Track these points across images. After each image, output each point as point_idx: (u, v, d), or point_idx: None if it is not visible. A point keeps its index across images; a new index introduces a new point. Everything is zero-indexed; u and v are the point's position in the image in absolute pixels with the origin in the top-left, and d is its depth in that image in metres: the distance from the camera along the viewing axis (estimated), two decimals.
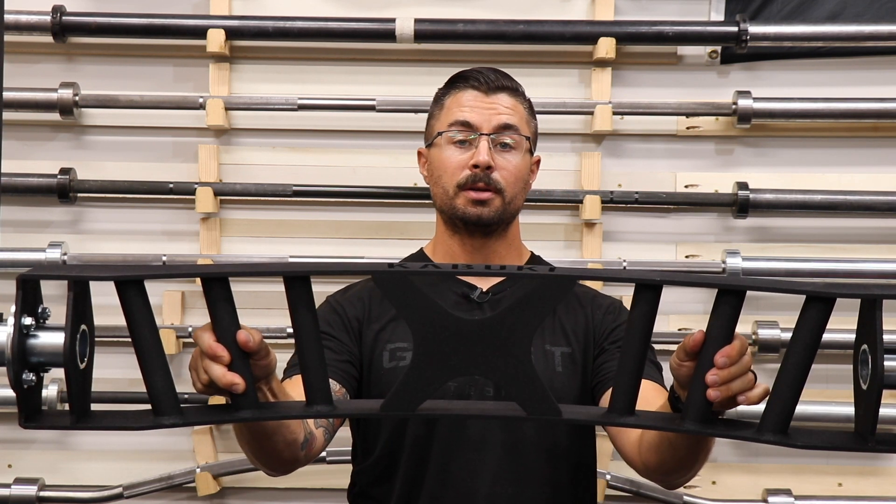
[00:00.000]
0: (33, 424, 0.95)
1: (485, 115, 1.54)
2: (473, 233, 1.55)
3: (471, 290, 1.54)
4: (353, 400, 1.14)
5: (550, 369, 1.50)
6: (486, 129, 1.53)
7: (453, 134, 1.54)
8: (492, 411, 1.00)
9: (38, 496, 2.16)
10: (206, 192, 2.14)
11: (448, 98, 1.58)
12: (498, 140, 1.53)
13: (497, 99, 1.55)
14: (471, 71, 1.59)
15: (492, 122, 1.53)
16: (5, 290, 2.17)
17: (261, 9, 2.22)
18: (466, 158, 1.52)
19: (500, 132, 1.53)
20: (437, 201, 1.57)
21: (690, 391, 0.99)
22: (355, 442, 1.61)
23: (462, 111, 1.54)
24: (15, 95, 2.13)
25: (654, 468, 1.38)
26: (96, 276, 0.92)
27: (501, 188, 1.52)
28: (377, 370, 1.51)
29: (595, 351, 1.54)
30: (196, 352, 1.03)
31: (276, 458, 1.32)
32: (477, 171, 1.51)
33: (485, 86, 1.55)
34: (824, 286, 0.94)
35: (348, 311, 1.55)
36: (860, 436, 0.97)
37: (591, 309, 1.57)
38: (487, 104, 1.54)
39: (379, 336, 1.52)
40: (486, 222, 1.53)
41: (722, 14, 2.20)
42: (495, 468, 1.48)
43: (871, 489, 2.21)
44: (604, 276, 0.99)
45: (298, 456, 1.34)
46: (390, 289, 0.91)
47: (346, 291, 1.61)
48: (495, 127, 1.53)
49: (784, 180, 2.20)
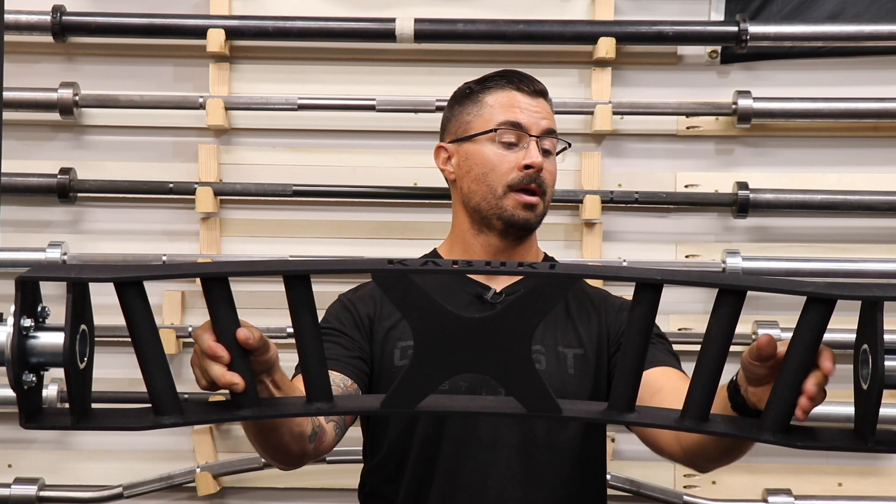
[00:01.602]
0: (34, 425, 0.95)
1: (534, 118, 1.55)
2: (508, 235, 1.56)
3: (485, 290, 1.55)
4: (353, 396, 1.13)
5: (562, 371, 1.50)
6: (534, 131, 1.55)
7: (502, 133, 1.55)
8: (492, 408, 1.00)
9: (38, 496, 2.16)
10: (206, 192, 2.14)
11: (488, 96, 1.58)
12: (541, 144, 1.55)
13: (540, 103, 1.58)
14: (509, 72, 1.60)
15: (540, 125, 1.56)
16: (5, 289, 2.17)
17: (261, 9, 2.22)
18: (517, 159, 1.54)
19: (545, 137, 1.56)
20: (475, 199, 1.56)
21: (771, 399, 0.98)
22: (365, 441, 1.62)
23: (512, 111, 1.55)
24: (15, 95, 2.13)
25: (696, 453, 1.34)
26: (95, 277, 0.92)
27: (546, 191, 1.56)
28: (388, 368, 1.51)
29: (611, 350, 1.54)
30: (196, 350, 1.03)
31: (283, 451, 1.32)
32: (531, 173, 1.53)
33: (528, 88, 1.57)
34: (825, 287, 0.93)
35: (360, 308, 1.55)
36: (860, 436, 0.97)
37: (604, 310, 1.58)
38: (533, 107, 1.56)
39: (390, 334, 1.53)
40: (532, 226, 1.56)
41: (722, 14, 2.20)
42: (506, 469, 1.48)
43: (871, 489, 2.21)
44: (605, 275, 0.99)
45: (307, 449, 1.34)
46: (390, 287, 0.91)
47: (357, 290, 1.61)
48: (542, 131, 1.56)
49: (784, 180, 2.20)
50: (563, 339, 1.53)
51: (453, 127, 1.61)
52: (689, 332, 2.16)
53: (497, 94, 1.57)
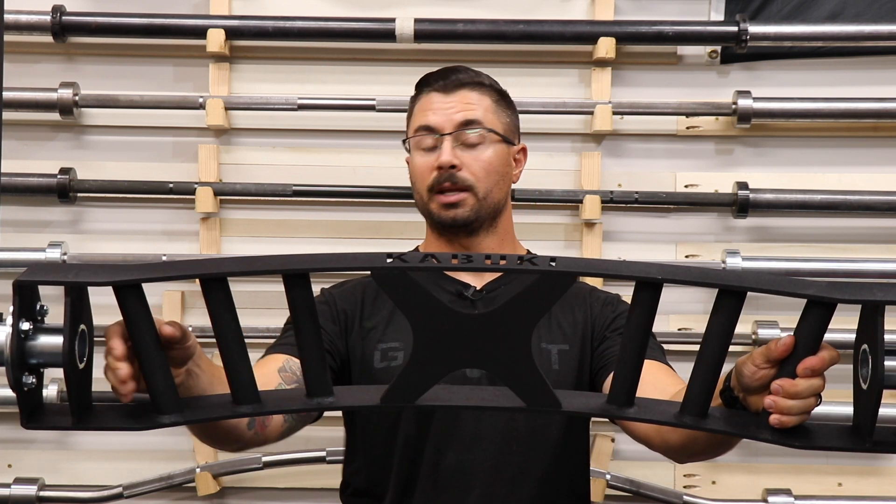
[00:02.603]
0: (34, 425, 0.95)
1: (445, 115, 1.54)
2: (457, 234, 1.56)
3: (465, 288, 1.55)
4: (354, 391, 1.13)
5: (546, 367, 1.49)
6: (447, 128, 1.54)
7: (419, 139, 1.56)
8: (492, 402, 1.00)
9: (38, 496, 2.16)
10: (206, 192, 2.14)
11: (415, 104, 1.60)
12: (461, 138, 1.53)
13: (457, 97, 1.56)
14: (433, 73, 1.60)
15: (452, 120, 1.54)
16: (5, 289, 2.17)
17: (261, 9, 2.22)
18: (432, 161, 1.53)
19: (461, 129, 1.54)
20: (418, 205, 1.60)
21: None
22: (348, 440, 1.61)
23: (424, 115, 1.56)
24: (15, 95, 2.13)
25: (676, 448, 1.34)
26: (92, 280, 0.92)
27: (471, 184, 1.52)
28: (367, 369, 1.50)
29: (594, 343, 1.53)
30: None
31: (218, 438, 1.33)
32: (441, 172, 1.52)
33: (443, 86, 1.56)
34: (827, 289, 0.93)
35: (339, 303, 1.55)
36: (859, 436, 0.97)
37: (588, 304, 1.56)
38: (447, 104, 1.55)
39: (370, 335, 1.52)
40: (461, 223, 1.54)
41: (722, 14, 2.20)
42: (489, 466, 1.48)
43: (871, 489, 2.21)
44: (605, 272, 0.99)
45: (244, 436, 1.32)
46: (389, 283, 0.91)
47: (341, 285, 1.61)
48: (456, 125, 1.54)
49: (784, 180, 2.20)
50: (547, 335, 1.52)
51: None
52: (689, 332, 2.16)
53: (419, 101, 1.59)
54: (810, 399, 0.97)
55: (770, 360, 0.99)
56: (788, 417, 0.97)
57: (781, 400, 0.97)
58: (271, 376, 1.38)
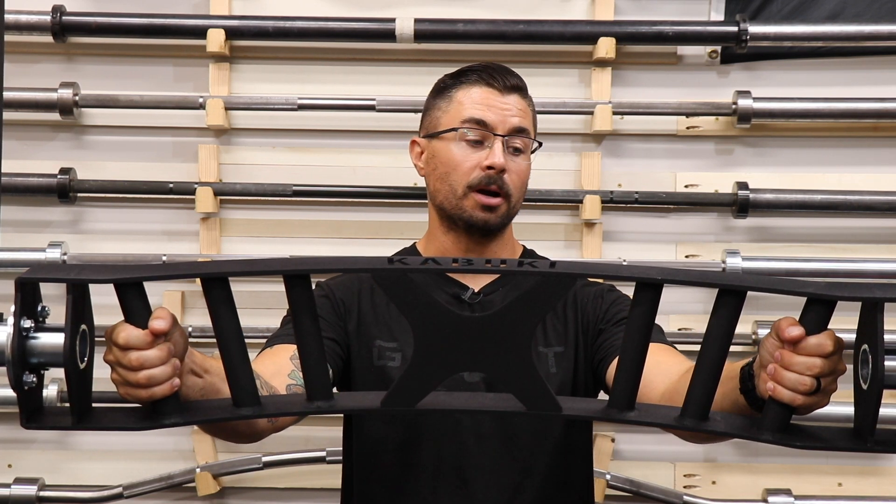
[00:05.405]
0: (34, 425, 0.95)
1: (502, 115, 1.50)
2: (473, 234, 1.53)
3: (462, 290, 1.53)
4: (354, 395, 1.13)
5: (545, 371, 1.48)
6: (501, 130, 1.50)
7: (466, 131, 1.50)
8: (492, 406, 1.00)
9: (38, 496, 2.16)
10: (206, 192, 2.14)
11: (458, 91, 1.53)
12: (510, 143, 1.50)
13: (511, 100, 1.51)
14: (483, 66, 1.54)
15: (507, 124, 1.50)
16: (5, 289, 2.17)
17: (261, 9, 2.22)
18: (479, 158, 1.49)
19: (514, 135, 1.51)
20: (439, 197, 1.53)
21: (771, 399, 0.98)
22: (345, 442, 1.60)
23: (478, 108, 1.50)
24: (15, 95, 2.13)
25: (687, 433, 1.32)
26: (94, 278, 0.92)
27: (510, 192, 1.50)
28: (367, 366, 1.50)
29: (589, 340, 1.52)
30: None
31: (235, 432, 1.31)
32: (491, 173, 1.48)
33: (500, 84, 1.51)
34: (826, 287, 0.93)
35: (337, 293, 1.54)
36: (859, 436, 0.97)
37: (579, 303, 1.55)
38: (502, 104, 1.50)
39: (366, 331, 1.51)
40: (491, 228, 1.52)
41: (722, 14, 2.20)
42: (490, 462, 1.47)
43: (871, 489, 2.21)
44: (605, 273, 0.99)
45: (258, 425, 1.31)
46: (390, 285, 0.91)
47: (337, 277, 1.60)
48: (510, 129, 1.50)
49: (784, 180, 2.20)
50: (542, 339, 1.51)
51: (426, 121, 1.58)
52: (689, 332, 2.16)
53: (467, 90, 1.52)
54: (807, 379, 0.97)
55: (780, 339, 0.99)
56: (782, 390, 0.97)
57: (779, 368, 0.98)
58: (284, 364, 1.37)
